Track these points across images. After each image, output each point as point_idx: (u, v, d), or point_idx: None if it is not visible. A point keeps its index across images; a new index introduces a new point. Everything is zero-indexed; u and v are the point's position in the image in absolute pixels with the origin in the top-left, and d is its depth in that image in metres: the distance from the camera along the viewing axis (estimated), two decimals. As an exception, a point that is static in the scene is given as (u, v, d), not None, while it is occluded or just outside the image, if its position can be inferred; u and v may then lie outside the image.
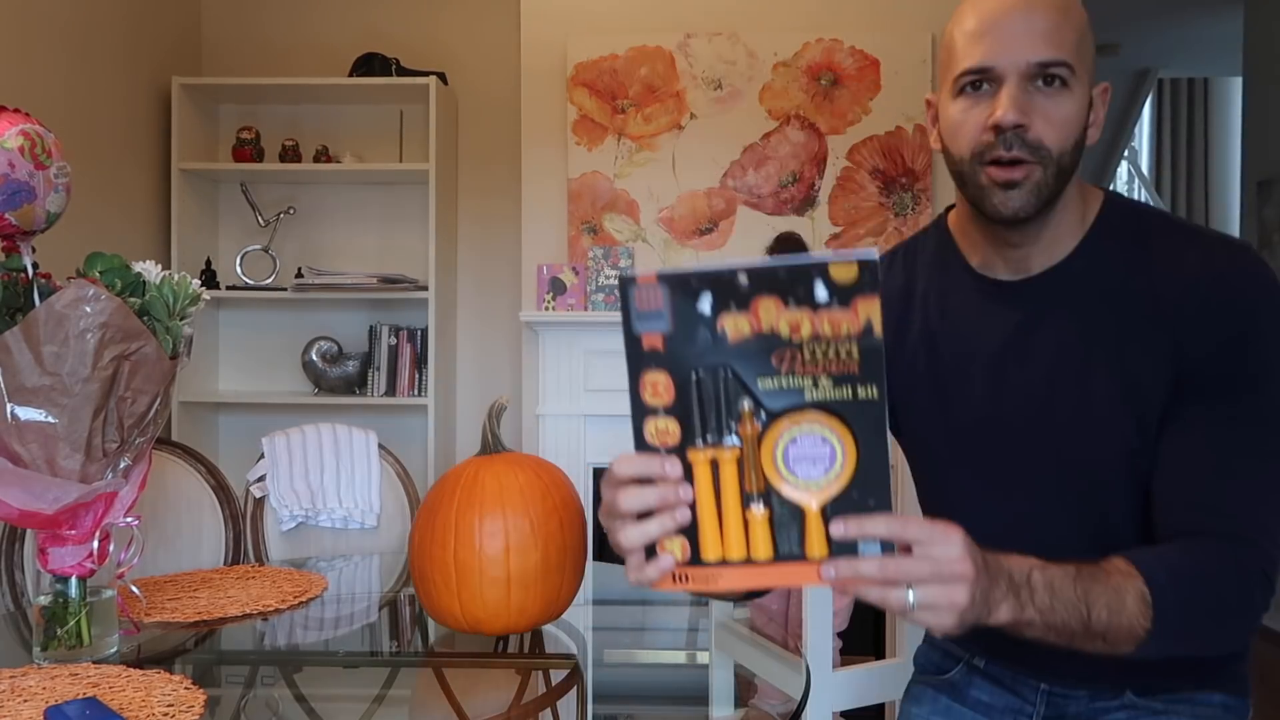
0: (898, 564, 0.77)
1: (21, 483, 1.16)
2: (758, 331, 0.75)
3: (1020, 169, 1.01)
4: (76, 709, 1.01)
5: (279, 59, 3.64)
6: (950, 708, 1.24)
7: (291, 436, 2.13)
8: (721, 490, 0.78)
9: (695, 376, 0.77)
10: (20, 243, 1.19)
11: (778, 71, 3.22)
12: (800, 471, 0.77)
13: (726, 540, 0.79)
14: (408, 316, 3.53)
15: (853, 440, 0.76)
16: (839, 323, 0.74)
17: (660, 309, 0.76)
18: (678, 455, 0.78)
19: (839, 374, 0.75)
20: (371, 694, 1.26)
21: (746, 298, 0.74)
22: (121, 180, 3.19)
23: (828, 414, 0.76)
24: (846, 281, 0.73)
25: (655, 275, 0.75)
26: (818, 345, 0.75)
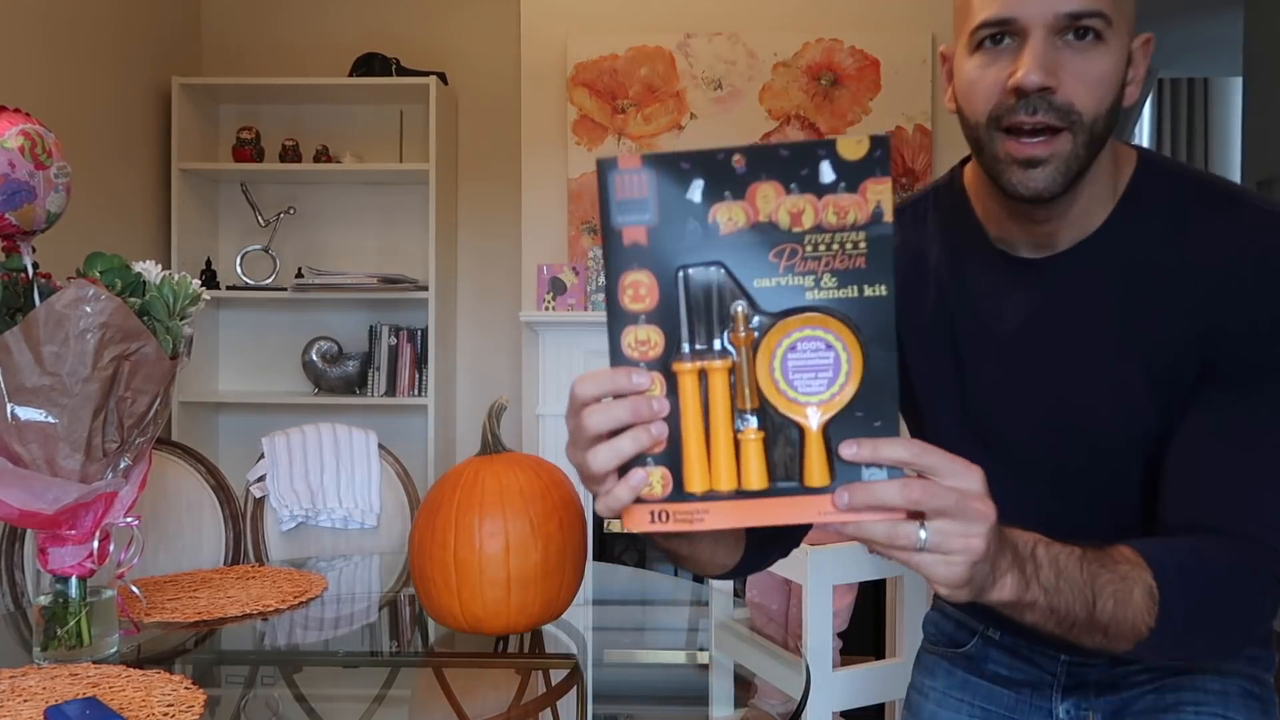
0: (922, 488, 0.67)
1: (21, 483, 1.16)
2: (754, 222, 0.67)
3: (1045, 143, 0.89)
4: (76, 709, 1.01)
5: (279, 59, 3.64)
6: (967, 681, 1.18)
7: (291, 436, 2.13)
8: (710, 407, 0.69)
9: (682, 275, 0.68)
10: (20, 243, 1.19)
11: (778, 71, 3.22)
12: (800, 384, 0.68)
13: (714, 467, 0.69)
14: (408, 316, 3.53)
15: (859, 347, 0.68)
16: (845, 209, 0.66)
17: (644, 197, 0.67)
18: (659, 370, 0.68)
19: (844, 269, 0.67)
20: (371, 694, 1.26)
21: (743, 183, 0.67)
22: (121, 180, 3.19)
23: (830, 317, 0.68)
24: (854, 159, 0.66)
25: (640, 158, 0.67)
26: (820, 237, 0.67)
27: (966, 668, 1.19)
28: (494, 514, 1.28)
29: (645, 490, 0.69)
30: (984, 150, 0.93)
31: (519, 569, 1.27)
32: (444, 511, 1.30)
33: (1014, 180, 0.91)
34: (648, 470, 0.69)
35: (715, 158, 0.67)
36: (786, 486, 0.69)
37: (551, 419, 3.16)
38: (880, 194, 0.66)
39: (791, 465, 0.69)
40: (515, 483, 1.32)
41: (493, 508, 1.29)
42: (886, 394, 0.68)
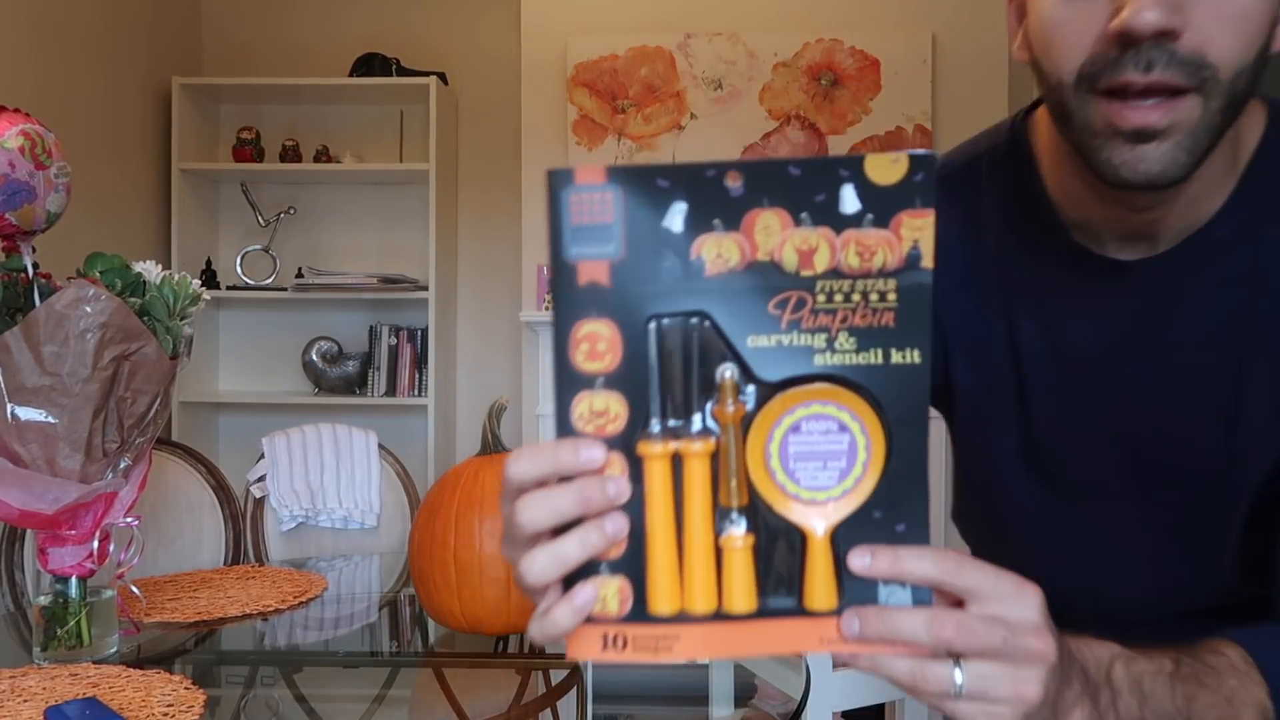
0: (958, 621, 0.51)
1: (21, 483, 1.16)
2: (751, 261, 0.51)
3: (1163, 106, 0.63)
4: (76, 709, 1.01)
5: (279, 59, 3.64)
6: None
7: (291, 436, 2.13)
8: (686, 502, 0.52)
9: (655, 328, 0.52)
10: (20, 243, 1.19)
11: (778, 71, 3.22)
12: (804, 476, 0.52)
13: (689, 580, 0.53)
14: (408, 316, 3.53)
15: (881, 429, 0.52)
16: (871, 249, 0.51)
17: (608, 223, 0.51)
18: (621, 451, 0.52)
19: (866, 328, 0.52)
20: (371, 694, 1.26)
21: (738, 209, 0.51)
22: (122, 180, 3.19)
23: (846, 389, 0.52)
24: (889, 184, 0.50)
25: (604, 170, 0.51)
26: (838, 284, 0.51)
27: None
28: (494, 514, 1.28)
29: (597, 608, 0.52)
30: (1071, 119, 0.68)
31: (519, 569, 1.27)
32: (444, 511, 1.30)
33: (1116, 160, 0.66)
34: (600, 582, 0.52)
35: (703, 174, 0.50)
36: (781, 606, 0.53)
37: (551, 419, 3.16)
38: (919, 231, 0.51)
39: (789, 580, 0.53)
40: (515, 483, 1.32)
41: (493, 508, 1.29)
42: (915, 490, 0.53)
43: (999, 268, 0.81)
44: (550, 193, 0.52)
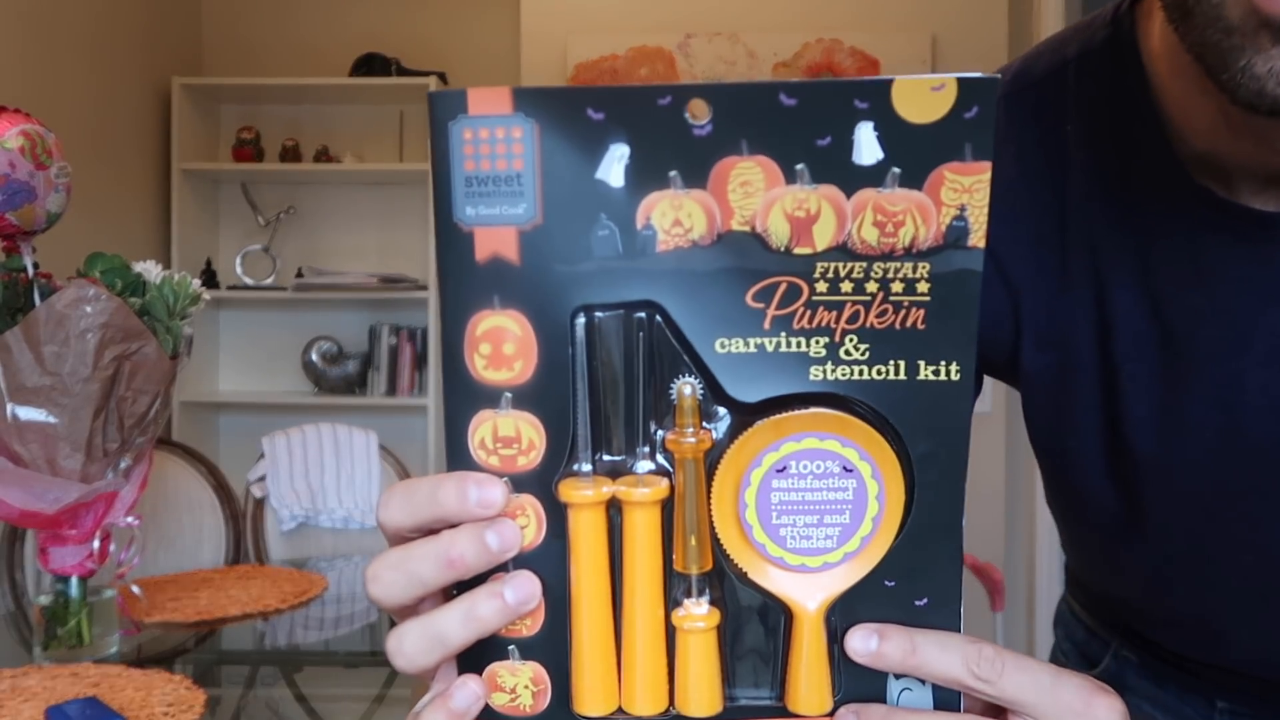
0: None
1: (22, 482, 1.16)
2: (722, 231, 0.35)
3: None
4: (77, 709, 1.01)
5: (279, 59, 3.64)
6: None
7: (292, 436, 2.14)
8: (625, 567, 0.38)
9: (584, 324, 0.36)
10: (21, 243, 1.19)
11: (778, 72, 3.22)
12: (792, 535, 0.37)
13: (629, 672, 0.38)
14: (408, 316, 3.53)
15: (901, 472, 0.37)
16: (898, 217, 0.35)
17: (518, 171, 0.35)
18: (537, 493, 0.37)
19: (885, 330, 0.36)
20: (371, 694, 1.26)
21: (705, 155, 0.34)
22: (122, 180, 3.19)
23: (854, 416, 0.36)
24: (927, 123, 0.33)
25: (509, 94, 0.35)
26: (848, 266, 0.35)
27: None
28: (494, 514, 1.29)
29: (503, 700, 0.38)
30: (1196, 11, 0.46)
31: (519, 569, 1.28)
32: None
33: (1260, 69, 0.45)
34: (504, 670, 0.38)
35: (654, 103, 0.34)
36: (755, 706, 0.39)
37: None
38: (969, 194, 0.34)
39: (767, 671, 0.39)
40: (515, 483, 1.32)
41: (493, 508, 1.29)
42: (944, 553, 0.37)
43: (1087, 218, 0.61)
44: (432, 125, 0.35)
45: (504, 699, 0.38)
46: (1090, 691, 0.37)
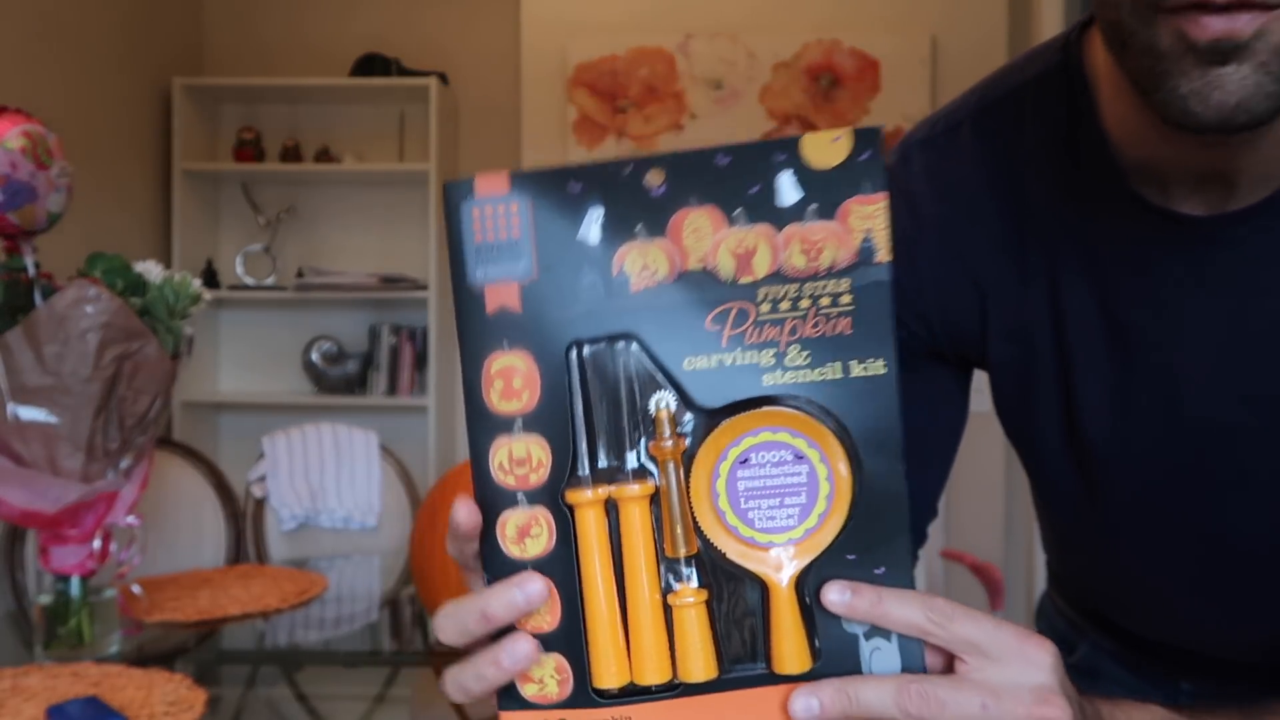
0: (931, 693, 0.44)
1: (23, 482, 1.16)
2: (681, 271, 0.44)
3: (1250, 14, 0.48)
4: (78, 708, 1.01)
5: (280, 59, 3.64)
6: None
7: (292, 436, 2.14)
8: (626, 556, 0.46)
9: (576, 357, 0.45)
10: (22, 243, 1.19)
11: (778, 72, 3.22)
12: (758, 516, 0.45)
13: (636, 648, 0.46)
14: (408, 316, 3.54)
15: (846, 456, 0.45)
16: (818, 245, 0.44)
17: (516, 239, 0.44)
18: (546, 504, 0.45)
19: (819, 337, 0.44)
20: (372, 694, 1.26)
21: (663, 210, 0.44)
22: (122, 181, 3.19)
23: (801, 412, 0.45)
24: (831, 166, 0.43)
25: (507, 177, 0.44)
26: (783, 289, 0.44)
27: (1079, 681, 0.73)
28: (494, 514, 1.29)
29: (533, 690, 0.46)
30: (1131, 43, 0.52)
31: (519, 568, 1.28)
32: (444, 511, 1.31)
33: (1184, 89, 0.50)
34: (536, 663, 0.46)
35: (620, 174, 0.44)
36: (746, 674, 0.46)
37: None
38: (871, 219, 0.44)
39: (753, 641, 0.46)
40: (515, 482, 1.32)
41: (493, 507, 1.29)
42: (893, 526, 0.45)
43: (1042, 221, 0.66)
44: (447, 208, 0.45)
45: (534, 689, 0.46)
46: (1024, 635, 0.46)
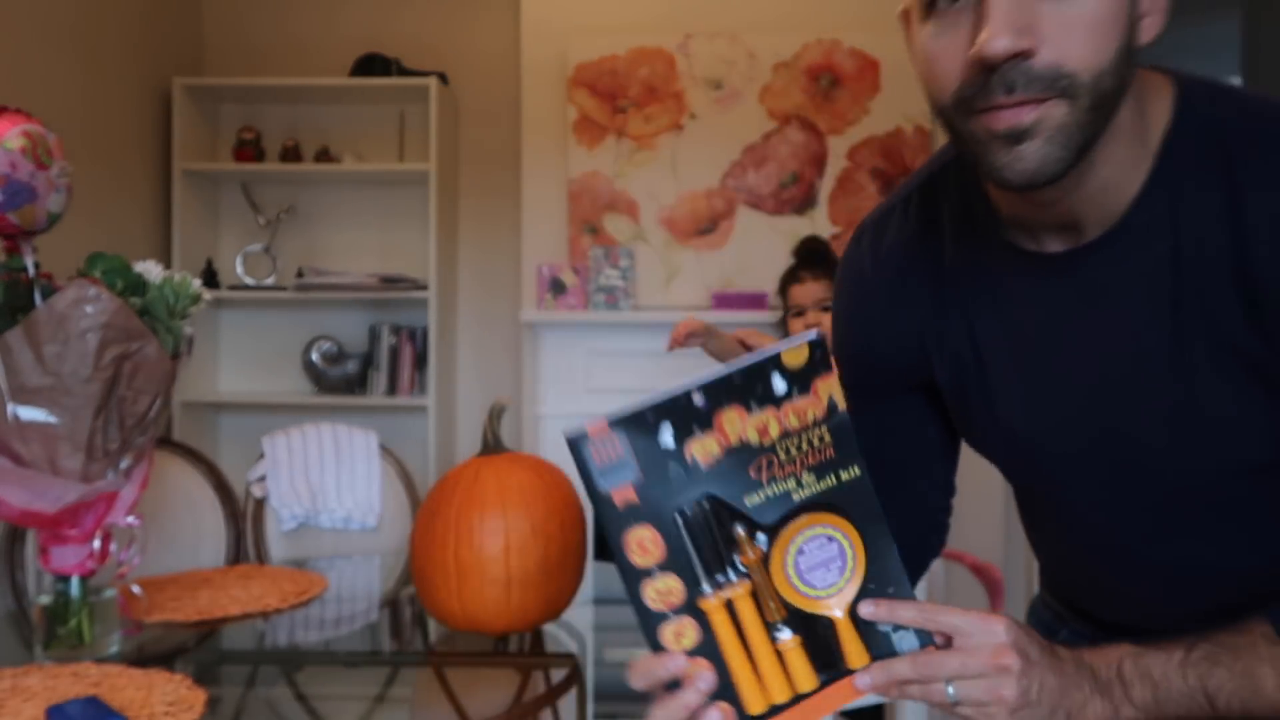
0: (929, 659, 0.72)
1: (23, 482, 1.16)
2: (728, 448, 0.70)
3: (1029, 106, 0.68)
4: (78, 708, 1.01)
5: (279, 59, 3.64)
6: None
7: (292, 436, 2.14)
8: (745, 630, 0.73)
9: (680, 518, 0.71)
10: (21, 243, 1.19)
11: (778, 72, 3.22)
12: (816, 581, 0.73)
13: (767, 683, 0.73)
14: (408, 316, 3.54)
15: (854, 529, 0.72)
16: (803, 411, 0.71)
17: (622, 457, 0.69)
18: (688, 613, 0.72)
19: (817, 464, 0.71)
20: (372, 694, 1.26)
21: (707, 416, 0.69)
22: (123, 180, 3.19)
23: (822, 510, 0.72)
24: (799, 365, 0.70)
25: (606, 423, 0.69)
26: (790, 441, 0.71)
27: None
28: (494, 514, 1.29)
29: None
30: (957, 134, 0.74)
31: (519, 569, 1.28)
32: (444, 511, 1.31)
33: (999, 163, 0.70)
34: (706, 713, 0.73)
35: (677, 402, 0.69)
36: (834, 675, 0.74)
37: (552, 419, 3.16)
38: (830, 388, 0.70)
39: (833, 655, 0.74)
40: (516, 483, 1.32)
41: (493, 508, 1.29)
42: (891, 563, 0.73)
43: (955, 271, 0.87)
44: (573, 452, 0.69)
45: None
46: (986, 615, 0.72)
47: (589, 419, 0.68)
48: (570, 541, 1.34)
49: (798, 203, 3.20)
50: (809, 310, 2.05)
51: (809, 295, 2.05)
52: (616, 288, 3.15)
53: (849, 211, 3.18)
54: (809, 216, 3.19)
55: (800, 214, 3.19)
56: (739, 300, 3.10)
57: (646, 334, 3.13)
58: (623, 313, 3.11)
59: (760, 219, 3.20)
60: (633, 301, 3.15)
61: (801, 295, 2.06)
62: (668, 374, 3.13)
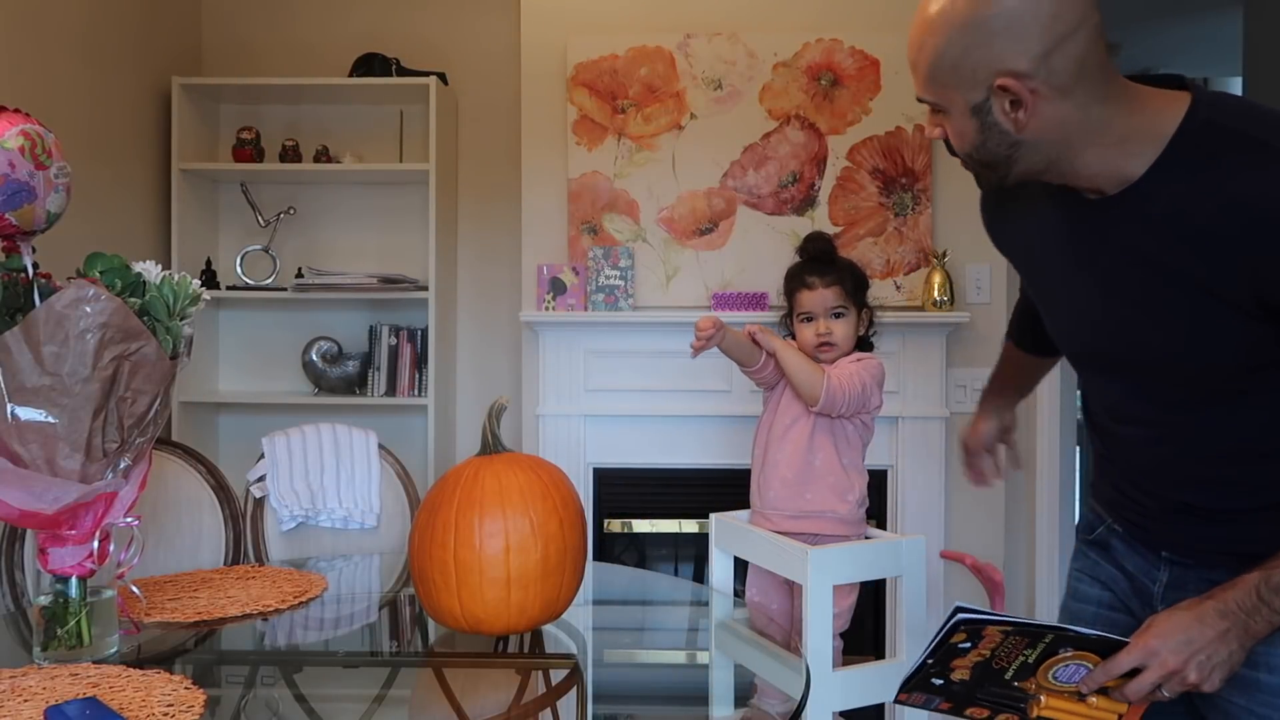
0: (1137, 685, 1.09)
1: (22, 483, 1.16)
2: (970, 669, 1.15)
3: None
4: (76, 709, 1.01)
5: (279, 59, 3.64)
6: (1098, 564, 1.36)
7: (291, 436, 2.13)
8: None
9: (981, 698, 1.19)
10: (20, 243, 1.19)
11: (778, 71, 3.22)
12: (1064, 677, 1.14)
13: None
14: (408, 316, 3.53)
15: (1076, 653, 1.13)
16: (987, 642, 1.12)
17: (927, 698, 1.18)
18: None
19: (1025, 647, 1.12)
20: (371, 694, 1.26)
21: (946, 668, 1.15)
22: (122, 180, 3.19)
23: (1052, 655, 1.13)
24: (965, 639, 1.11)
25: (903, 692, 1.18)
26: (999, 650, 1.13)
27: (1099, 552, 1.36)
28: (494, 514, 1.28)
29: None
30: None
31: (519, 569, 1.27)
32: (444, 511, 1.30)
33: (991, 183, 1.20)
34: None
35: (921, 669, 1.15)
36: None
37: (551, 419, 3.16)
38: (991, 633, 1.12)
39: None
40: (515, 483, 1.32)
41: (493, 508, 1.29)
42: (1083, 643, 1.12)
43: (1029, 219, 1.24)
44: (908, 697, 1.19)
45: None
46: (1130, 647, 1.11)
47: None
48: (570, 541, 1.33)
49: (798, 203, 3.19)
50: (819, 318, 2.02)
51: (820, 303, 2.01)
52: (616, 288, 3.15)
53: (849, 211, 3.18)
54: (809, 216, 3.19)
55: (800, 214, 3.19)
56: (739, 300, 3.10)
57: (646, 334, 3.13)
58: (622, 313, 3.11)
59: (760, 219, 3.20)
60: (632, 301, 3.14)
61: (811, 302, 2.03)
62: (668, 374, 3.13)
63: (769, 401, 2.10)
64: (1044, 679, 1.13)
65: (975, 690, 1.16)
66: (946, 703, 1.18)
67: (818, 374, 1.94)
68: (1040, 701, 1.14)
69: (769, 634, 1.63)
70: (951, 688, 1.16)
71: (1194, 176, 1.03)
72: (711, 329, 1.96)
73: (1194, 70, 6.10)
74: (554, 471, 1.39)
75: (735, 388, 3.05)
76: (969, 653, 1.11)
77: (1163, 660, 1.06)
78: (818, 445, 2.01)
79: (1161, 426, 1.19)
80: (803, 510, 2.00)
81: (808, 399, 1.97)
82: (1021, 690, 1.15)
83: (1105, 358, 1.21)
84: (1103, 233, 1.12)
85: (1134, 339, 1.14)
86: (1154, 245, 1.07)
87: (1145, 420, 1.20)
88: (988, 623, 1.10)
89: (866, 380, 1.97)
